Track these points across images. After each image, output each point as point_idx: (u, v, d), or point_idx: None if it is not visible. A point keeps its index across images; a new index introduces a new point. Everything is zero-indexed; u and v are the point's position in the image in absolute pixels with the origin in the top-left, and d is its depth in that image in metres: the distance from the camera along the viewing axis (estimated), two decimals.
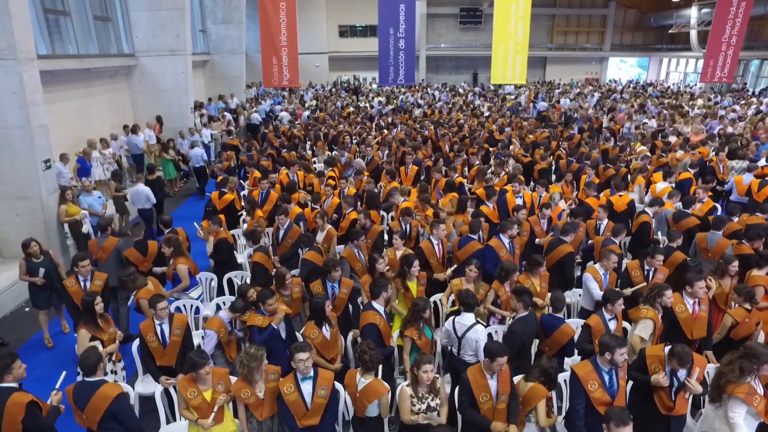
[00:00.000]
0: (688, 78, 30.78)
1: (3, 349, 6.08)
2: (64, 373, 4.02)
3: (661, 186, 7.86)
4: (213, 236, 6.29)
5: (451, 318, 4.48)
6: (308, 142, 12.75)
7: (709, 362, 3.79)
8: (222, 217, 6.87)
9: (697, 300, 4.55)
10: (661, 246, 5.93)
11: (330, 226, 6.47)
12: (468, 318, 4.33)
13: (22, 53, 6.85)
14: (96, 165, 9.91)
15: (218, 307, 5.57)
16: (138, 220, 7.81)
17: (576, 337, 4.46)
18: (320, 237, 6.37)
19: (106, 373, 4.40)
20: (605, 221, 6.53)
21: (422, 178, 9.02)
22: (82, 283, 5.40)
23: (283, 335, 4.54)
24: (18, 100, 6.92)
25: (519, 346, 4.19)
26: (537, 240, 6.50)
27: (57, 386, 3.85)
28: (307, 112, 18.24)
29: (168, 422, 4.23)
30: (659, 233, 6.84)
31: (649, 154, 10.16)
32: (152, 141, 12.12)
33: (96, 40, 11.67)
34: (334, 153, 10.92)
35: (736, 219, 6.50)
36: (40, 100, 7.33)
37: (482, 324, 4.45)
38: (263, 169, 9.09)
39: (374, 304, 4.56)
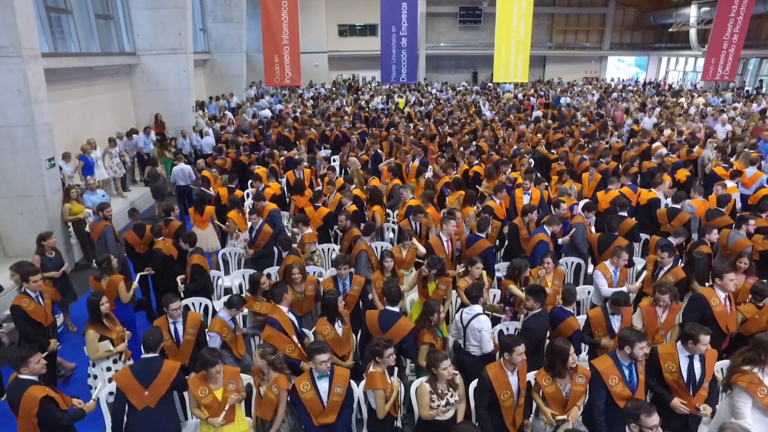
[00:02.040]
0: (687, 77, 30.84)
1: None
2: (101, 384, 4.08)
3: (730, 184, 7.65)
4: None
5: (461, 309, 4.51)
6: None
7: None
8: (211, 208, 7.20)
9: (727, 294, 4.54)
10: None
11: (309, 230, 6.33)
12: (474, 308, 4.38)
13: (26, 50, 6.80)
14: (98, 165, 9.86)
15: None
16: (134, 206, 7.89)
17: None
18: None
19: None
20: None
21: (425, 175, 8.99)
22: (36, 299, 4.90)
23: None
24: (22, 97, 6.88)
25: (536, 342, 4.18)
26: (559, 241, 6.36)
27: (94, 396, 3.84)
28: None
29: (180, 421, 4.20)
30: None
31: (665, 150, 10.14)
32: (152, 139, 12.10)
33: (98, 38, 11.61)
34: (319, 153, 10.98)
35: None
36: (44, 98, 7.27)
37: (497, 313, 4.44)
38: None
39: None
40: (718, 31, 14.13)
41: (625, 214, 6.45)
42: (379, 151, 10.73)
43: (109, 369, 4.51)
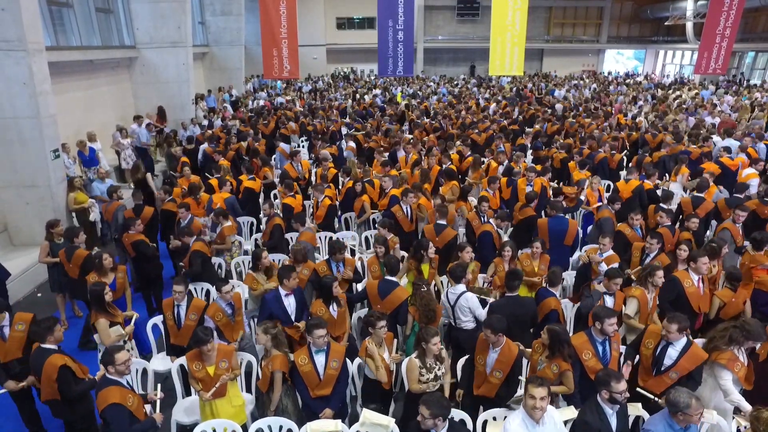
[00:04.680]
0: (684, 70, 30.99)
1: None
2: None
3: (747, 172, 8.13)
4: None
5: (446, 290, 4.75)
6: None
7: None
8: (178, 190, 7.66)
9: (701, 277, 4.78)
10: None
11: (228, 222, 6.47)
12: (459, 288, 4.62)
13: (32, 44, 6.98)
14: (102, 156, 10.03)
15: None
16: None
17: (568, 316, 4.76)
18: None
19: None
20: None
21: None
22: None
23: (292, 314, 4.72)
24: (28, 90, 7.07)
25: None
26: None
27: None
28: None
29: (183, 397, 4.45)
30: None
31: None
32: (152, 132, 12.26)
33: (98, 32, 11.77)
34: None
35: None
36: (49, 91, 7.47)
37: (485, 296, 4.73)
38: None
39: None
40: (710, 25, 14.29)
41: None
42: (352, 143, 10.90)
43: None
